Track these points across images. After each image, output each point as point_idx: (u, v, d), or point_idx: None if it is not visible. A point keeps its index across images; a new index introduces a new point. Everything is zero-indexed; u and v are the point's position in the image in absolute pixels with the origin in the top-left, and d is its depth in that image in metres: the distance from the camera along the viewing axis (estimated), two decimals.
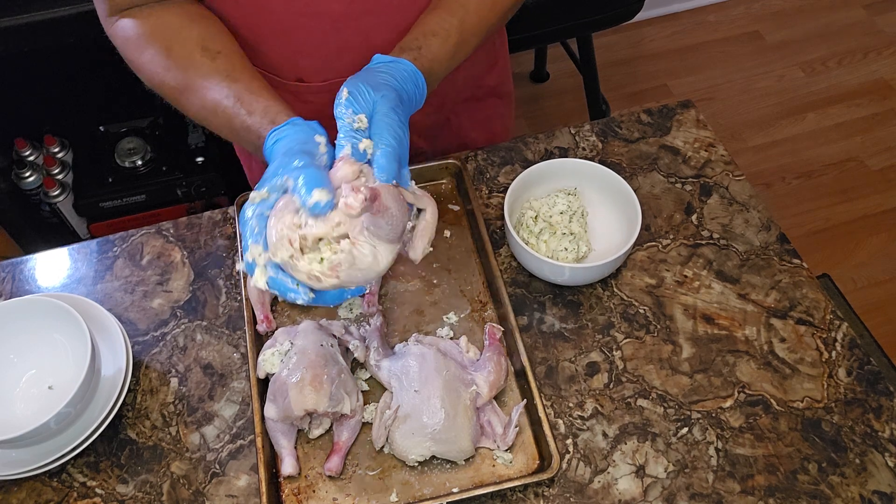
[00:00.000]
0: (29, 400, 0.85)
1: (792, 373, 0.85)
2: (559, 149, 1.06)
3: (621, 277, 0.93)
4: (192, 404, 0.86)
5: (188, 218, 1.02)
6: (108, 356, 0.85)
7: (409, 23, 0.89)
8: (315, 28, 0.85)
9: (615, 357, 0.87)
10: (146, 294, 0.95)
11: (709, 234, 0.97)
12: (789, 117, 2.34)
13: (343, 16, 0.85)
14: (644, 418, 0.83)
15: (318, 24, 0.85)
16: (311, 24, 0.85)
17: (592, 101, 2.13)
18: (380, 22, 0.87)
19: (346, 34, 0.87)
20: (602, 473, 0.79)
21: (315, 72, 0.91)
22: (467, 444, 0.78)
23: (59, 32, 1.46)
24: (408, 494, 0.78)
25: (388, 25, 0.88)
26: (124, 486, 0.81)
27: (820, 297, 0.91)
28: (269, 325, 0.88)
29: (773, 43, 2.54)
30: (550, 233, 0.91)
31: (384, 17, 0.87)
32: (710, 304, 0.91)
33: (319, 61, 0.90)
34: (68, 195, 1.79)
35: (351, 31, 0.87)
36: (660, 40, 2.58)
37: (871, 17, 2.59)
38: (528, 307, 0.91)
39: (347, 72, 0.91)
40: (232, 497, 0.79)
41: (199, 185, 1.79)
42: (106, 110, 1.86)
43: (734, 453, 0.80)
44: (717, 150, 1.05)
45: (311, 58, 0.89)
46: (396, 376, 0.81)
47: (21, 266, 0.98)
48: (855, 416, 0.82)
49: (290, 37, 0.86)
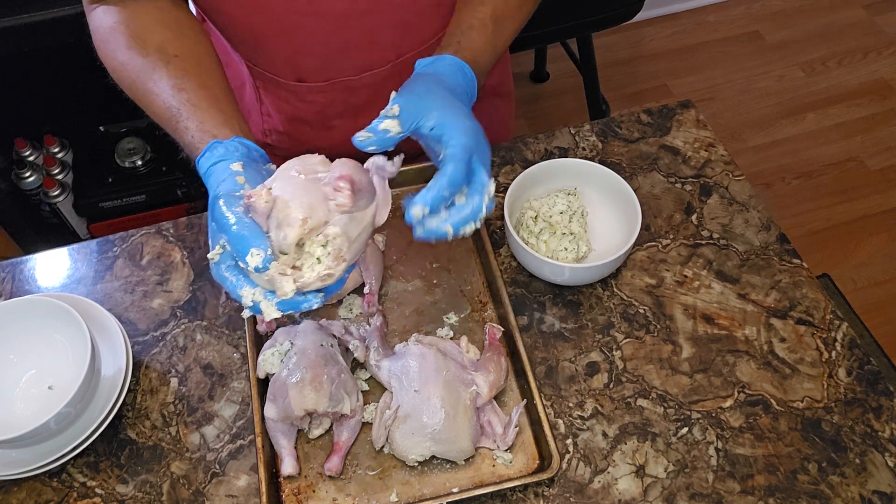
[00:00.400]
0: (29, 400, 0.85)
1: (792, 373, 0.85)
2: (559, 149, 1.06)
3: (621, 277, 0.93)
4: (192, 404, 0.86)
5: (188, 218, 1.02)
6: (108, 356, 0.85)
7: (411, 20, 0.89)
8: (316, 27, 0.85)
9: (615, 357, 0.87)
10: (146, 294, 0.95)
11: (709, 234, 0.97)
12: (789, 117, 2.34)
13: (344, 15, 0.84)
14: (644, 418, 0.83)
15: (320, 24, 0.85)
16: (312, 24, 0.85)
17: (592, 101, 2.13)
18: (381, 21, 0.87)
19: (348, 33, 0.87)
20: (602, 473, 0.79)
21: (316, 71, 0.91)
22: (467, 444, 0.78)
23: (59, 32, 1.46)
24: (408, 494, 0.78)
25: (390, 24, 0.88)
26: (124, 486, 0.81)
27: (820, 297, 0.91)
28: (269, 325, 0.88)
29: (773, 43, 2.54)
30: (550, 233, 0.91)
31: (386, 16, 0.86)
32: (710, 304, 0.91)
33: (320, 61, 0.90)
34: (68, 195, 1.79)
35: (352, 31, 0.86)
36: (660, 40, 2.58)
37: (871, 17, 2.59)
38: (528, 307, 0.91)
39: (349, 71, 0.91)
40: (232, 497, 0.79)
41: (200, 185, 1.78)
42: (106, 110, 1.86)
43: (734, 453, 0.80)
44: (717, 150, 1.05)
45: (313, 57, 0.89)
46: (396, 376, 0.81)
47: (21, 266, 0.98)
48: (855, 416, 0.82)
49: (291, 36, 0.86)
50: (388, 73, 0.93)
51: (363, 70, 0.92)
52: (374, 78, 0.93)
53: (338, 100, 0.94)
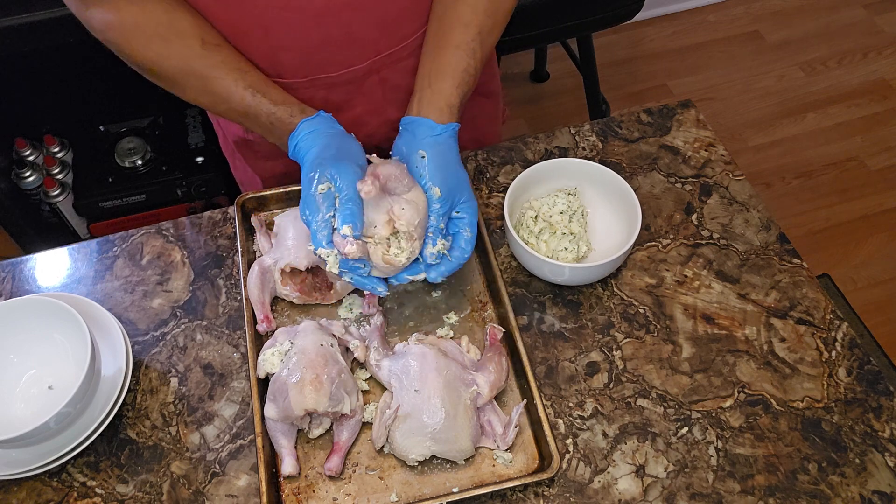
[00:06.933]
0: (29, 400, 0.85)
1: (792, 373, 0.85)
2: (559, 149, 1.06)
3: (621, 277, 0.93)
4: (192, 404, 0.86)
5: (188, 218, 1.02)
6: (108, 356, 0.85)
7: (391, 16, 0.89)
8: (295, 23, 0.85)
9: (615, 357, 0.87)
10: (146, 294, 0.95)
11: (709, 234, 0.97)
12: (789, 117, 2.34)
13: (324, 10, 0.84)
14: (644, 418, 0.83)
15: (299, 19, 0.85)
16: (291, 19, 0.85)
17: (592, 101, 2.13)
18: (361, 16, 0.87)
19: (327, 29, 0.87)
20: (602, 473, 0.79)
21: (295, 68, 0.91)
22: (467, 443, 0.78)
23: (59, 32, 1.46)
24: (408, 494, 0.78)
25: (370, 20, 0.88)
26: (124, 486, 0.81)
27: (820, 296, 0.91)
28: (269, 324, 0.88)
29: (773, 43, 2.54)
30: (550, 233, 0.91)
31: (365, 12, 0.87)
32: (710, 304, 0.91)
33: (300, 57, 0.90)
34: (68, 195, 1.79)
35: (331, 27, 0.87)
36: (660, 40, 2.58)
37: (871, 16, 2.59)
38: (528, 307, 0.91)
39: (328, 68, 0.92)
40: (232, 497, 0.79)
41: (199, 185, 1.79)
42: (106, 110, 1.86)
43: (734, 453, 0.80)
44: (717, 149, 1.05)
45: (292, 53, 0.89)
46: (397, 376, 0.81)
47: (21, 266, 0.98)
48: (855, 416, 0.82)
49: (271, 32, 0.86)
50: (367, 71, 0.94)
51: (342, 67, 0.92)
52: (354, 75, 0.94)
53: (317, 97, 0.94)
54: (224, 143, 1.16)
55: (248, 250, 0.95)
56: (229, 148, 1.15)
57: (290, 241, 0.91)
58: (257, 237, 0.96)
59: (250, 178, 1.15)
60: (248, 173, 1.14)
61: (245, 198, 0.98)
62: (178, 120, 1.86)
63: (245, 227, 0.97)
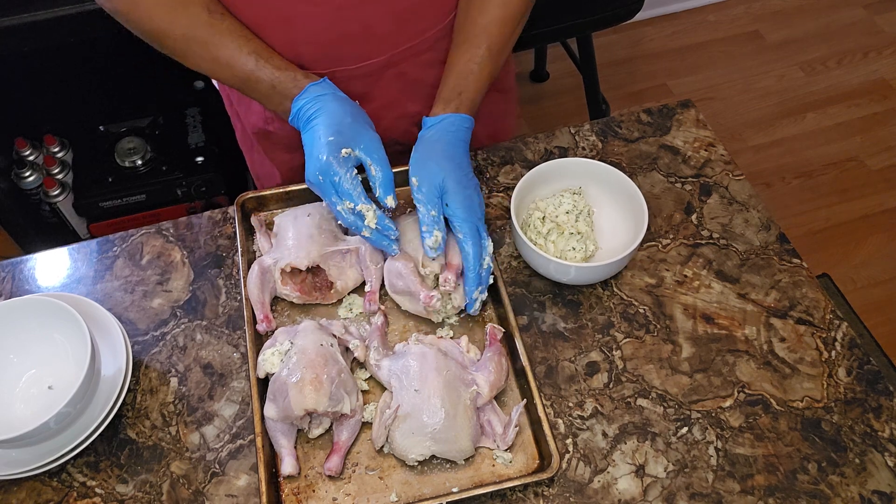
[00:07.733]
0: (29, 400, 0.85)
1: (792, 372, 0.85)
2: (559, 148, 1.06)
3: (621, 277, 0.93)
4: (191, 404, 0.86)
5: (188, 218, 1.02)
6: (108, 356, 0.85)
7: (409, 11, 0.90)
8: (316, 16, 0.87)
9: (615, 357, 0.87)
10: (146, 294, 0.95)
11: (709, 234, 0.97)
12: (789, 117, 2.34)
13: (344, 4, 0.86)
14: (644, 418, 0.83)
15: (319, 13, 0.87)
16: (312, 13, 0.86)
17: (592, 101, 2.13)
18: (380, 10, 0.88)
19: (347, 22, 0.88)
20: (602, 473, 0.79)
21: (315, 61, 0.92)
22: (467, 443, 0.78)
23: (60, 32, 1.46)
24: (408, 494, 0.78)
25: (389, 14, 0.89)
26: (124, 486, 0.81)
27: (820, 296, 0.91)
28: (269, 324, 0.88)
29: (773, 43, 2.54)
30: (558, 233, 0.91)
31: (384, 6, 0.88)
32: (710, 304, 0.91)
33: (320, 50, 0.91)
34: (68, 195, 1.79)
35: (351, 20, 0.88)
36: (659, 40, 2.58)
37: (871, 16, 2.59)
38: (528, 307, 0.91)
39: (347, 61, 0.93)
40: (232, 497, 0.79)
41: (199, 184, 1.79)
42: (106, 110, 1.86)
43: (734, 453, 0.80)
44: (716, 149, 1.05)
45: (312, 46, 0.91)
46: (396, 376, 0.81)
47: (21, 266, 0.98)
48: (855, 416, 0.82)
49: (291, 25, 0.88)
50: (386, 64, 0.94)
51: (361, 60, 0.94)
52: (372, 68, 0.94)
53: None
54: (242, 136, 1.17)
55: (248, 250, 0.95)
56: (248, 141, 1.15)
57: (290, 240, 0.91)
58: (257, 237, 0.96)
59: (269, 172, 1.15)
60: (267, 167, 1.14)
61: (245, 198, 0.98)
62: (178, 120, 1.86)
63: (245, 227, 0.97)
